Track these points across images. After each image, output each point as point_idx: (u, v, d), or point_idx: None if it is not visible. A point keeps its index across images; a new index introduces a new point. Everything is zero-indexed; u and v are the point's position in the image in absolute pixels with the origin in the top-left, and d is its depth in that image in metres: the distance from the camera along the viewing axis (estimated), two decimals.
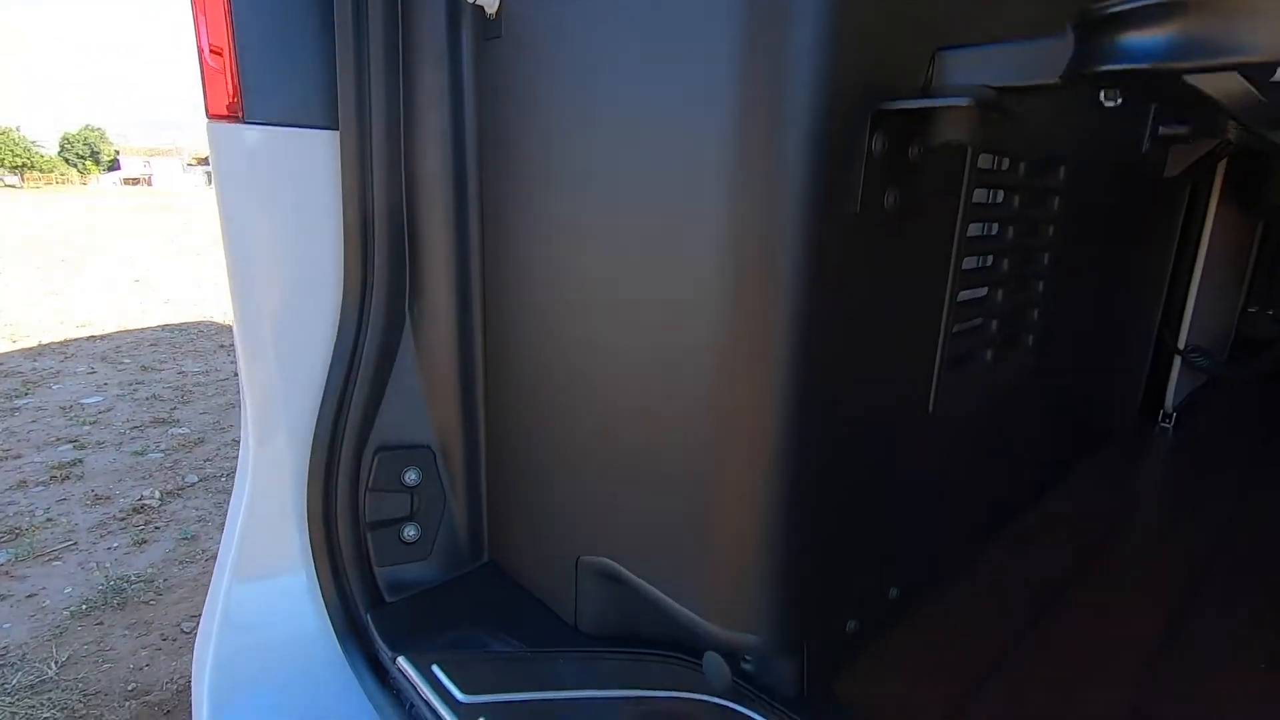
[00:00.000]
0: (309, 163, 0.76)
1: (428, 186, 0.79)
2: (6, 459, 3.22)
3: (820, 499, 0.61)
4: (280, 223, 0.76)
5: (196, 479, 3.04)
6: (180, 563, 2.40)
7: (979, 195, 0.72)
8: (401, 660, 0.72)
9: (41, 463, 3.18)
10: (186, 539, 2.55)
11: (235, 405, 3.99)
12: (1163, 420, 1.51)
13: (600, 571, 0.73)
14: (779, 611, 0.61)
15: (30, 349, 5.20)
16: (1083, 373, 1.15)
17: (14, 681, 1.83)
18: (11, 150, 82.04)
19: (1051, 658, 0.75)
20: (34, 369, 4.67)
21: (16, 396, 4.08)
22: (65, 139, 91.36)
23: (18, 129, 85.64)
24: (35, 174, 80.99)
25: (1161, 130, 1.10)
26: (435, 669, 0.70)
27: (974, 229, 0.74)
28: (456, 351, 0.83)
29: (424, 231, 0.81)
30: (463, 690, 0.67)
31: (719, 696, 0.67)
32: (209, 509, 2.77)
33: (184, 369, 4.78)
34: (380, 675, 0.76)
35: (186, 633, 2.04)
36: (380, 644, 0.76)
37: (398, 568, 0.84)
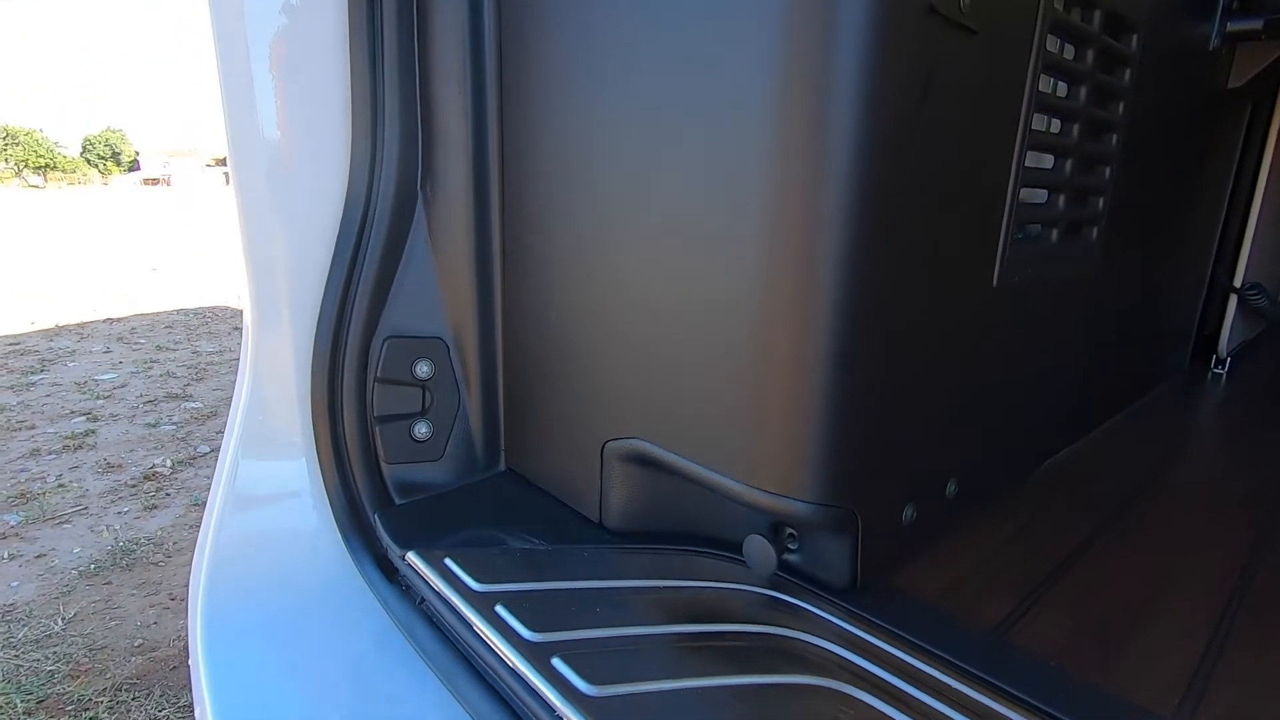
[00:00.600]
0: (313, 20, 0.70)
1: (443, 50, 0.73)
2: (21, 429, 3.21)
3: (874, 362, 0.54)
4: (282, 83, 0.70)
5: (208, 449, 3.01)
6: (190, 527, 2.36)
7: (1051, 45, 0.65)
8: (411, 555, 0.66)
9: (55, 433, 3.17)
10: (197, 505, 2.51)
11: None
12: (1216, 366, 1.43)
13: (629, 455, 0.66)
14: (829, 476, 0.54)
15: (47, 329, 5.22)
16: (1136, 299, 1.07)
17: (20, 635, 1.79)
18: (35, 151, 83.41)
19: (1124, 564, 0.68)
20: (50, 348, 4.68)
21: (32, 373, 4.09)
22: (87, 140, 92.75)
23: (41, 131, 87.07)
24: (58, 174, 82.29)
25: (1230, 26, 1.02)
26: (448, 561, 0.64)
27: (1043, 85, 0.66)
28: (473, 235, 0.77)
29: (438, 105, 0.75)
30: (478, 580, 0.61)
31: (762, 586, 0.60)
32: None
33: (198, 349, 4.77)
34: (388, 572, 0.70)
35: None
36: (388, 542, 0.70)
37: (408, 467, 0.78)
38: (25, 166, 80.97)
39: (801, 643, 0.53)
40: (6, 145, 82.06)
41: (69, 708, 1.55)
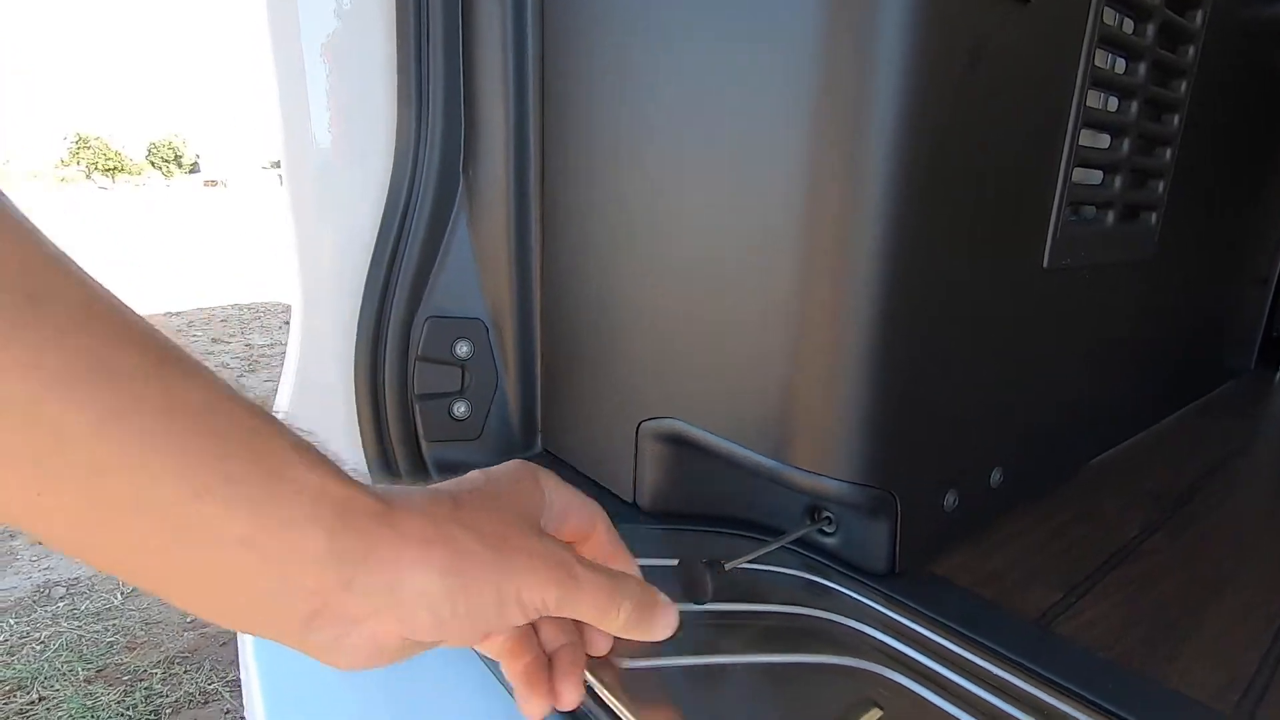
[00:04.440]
0: (362, 4, 0.72)
1: (487, 34, 0.74)
2: None
3: (917, 340, 0.53)
4: (331, 69, 0.72)
5: None
6: None
7: (1108, 18, 0.63)
8: None
9: None
10: None
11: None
12: None
13: (664, 436, 0.66)
14: (868, 456, 0.53)
15: None
16: (1198, 292, 1.02)
17: (83, 607, 1.89)
18: (104, 155, 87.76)
19: (1177, 562, 0.65)
20: None
21: None
22: (151, 145, 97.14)
23: (110, 136, 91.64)
24: (124, 176, 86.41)
25: None
26: None
27: (1099, 60, 0.64)
28: (512, 219, 0.78)
29: (481, 89, 0.76)
30: None
31: (798, 569, 0.59)
32: None
33: (250, 342, 4.95)
34: None
35: None
36: None
37: (447, 446, 0.79)
38: (95, 169, 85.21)
39: (837, 624, 0.52)
40: (79, 149, 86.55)
41: (125, 677, 1.63)
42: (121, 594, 1.94)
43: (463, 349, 0.79)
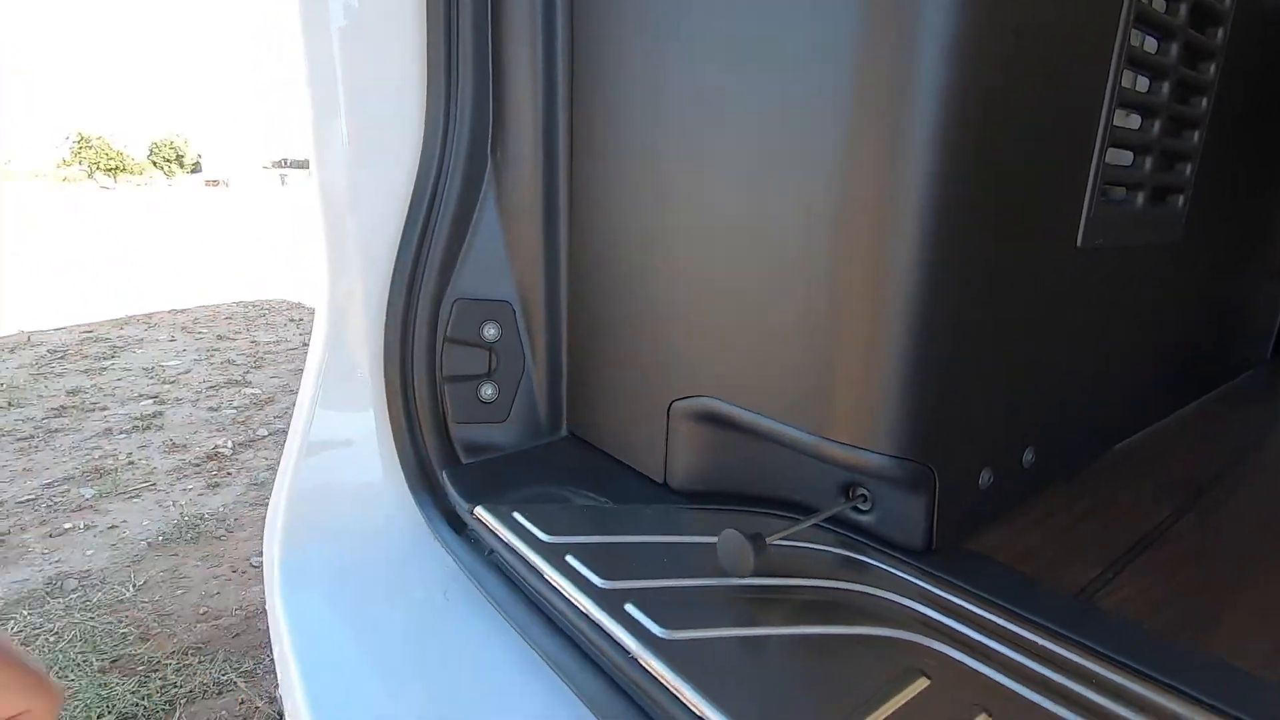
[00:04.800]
0: None
1: (515, 15, 0.74)
2: (95, 410, 3.38)
3: (953, 314, 0.53)
4: (360, 48, 0.72)
5: (266, 433, 3.12)
6: (250, 505, 2.45)
7: None
8: (479, 509, 0.67)
9: (125, 414, 3.33)
10: (256, 485, 2.61)
11: (303, 371, 4.10)
12: None
13: (696, 414, 0.66)
14: (906, 429, 0.53)
15: (118, 319, 5.49)
16: (1221, 278, 1.02)
17: (95, 599, 1.89)
18: (106, 154, 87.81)
19: (1211, 541, 0.65)
20: (120, 335, 4.92)
21: (104, 359, 4.30)
22: (153, 144, 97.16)
23: (112, 136, 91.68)
24: (126, 176, 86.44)
25: None
26: (516, 515, 0.65)
27: (1134, 40, 0.64)
28: (541, 201, 0.78)
29: (510, 71, 0.76)
30: (547, 533, 0.61)
31: (834, 546, 0.59)
32: (278, 459, 2.83)
33: (256, 339, 4.95)
34: (456, 526, 0.71)
35: (255, 566, 2.07)
36: (456, 498, 0.72)
37: (474, 427, 0.79)
38: (97, 169, 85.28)
39: (877, 598, 0.52)
40: (81, 149, 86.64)
41: (140, 668, 1.63)
42: (133, 586, 1.94)
43: (490, 332, 0.79)
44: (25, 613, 1.82)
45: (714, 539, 0.61)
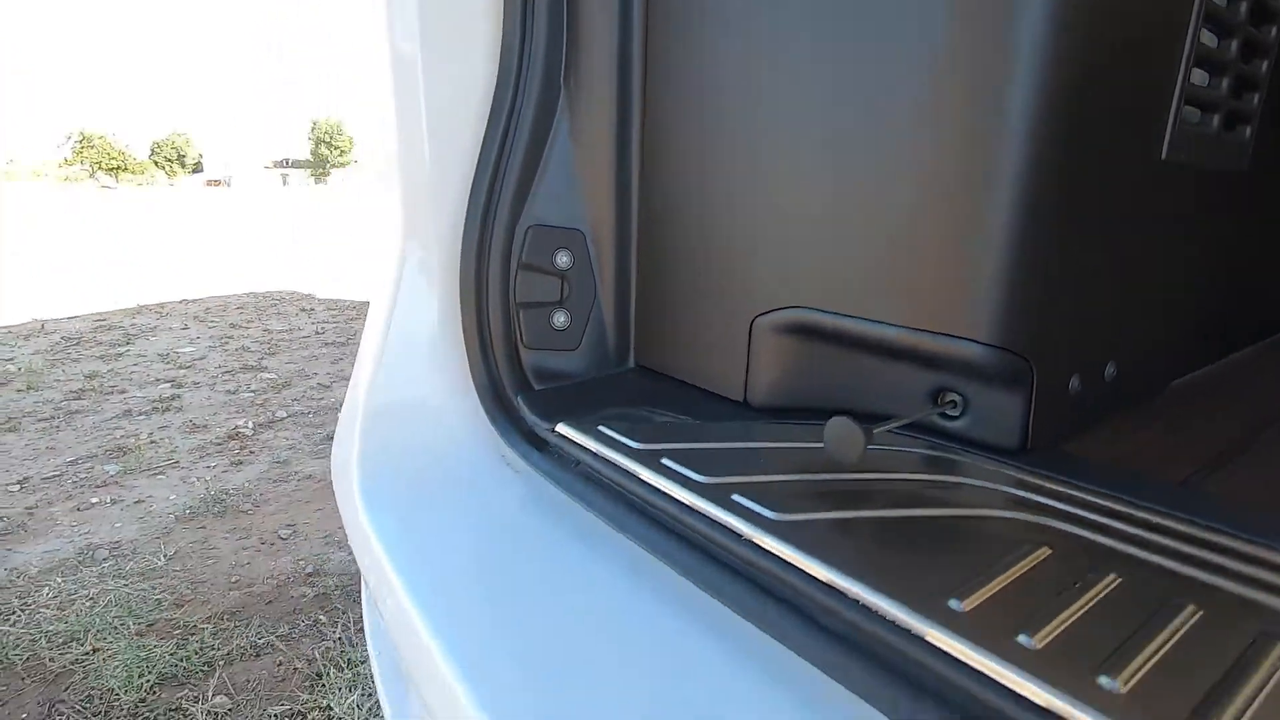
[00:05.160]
0: None
1: None
2: (113, 393, 3.38)
3: (1051, 207, 0.54)
4: None
5: (286, 414, 3.13)
6: (274, 481, 2.46)
7: None
8: (562, 425, 0.68)
9: (143, 397, 3.33)
10: (279, 462, 2.61)
11: (317, 358, 4.11)
12: None
13: (781, 326, 0.66)
14: (1007, 318, 0.53)
15: (129, 308, 5.50)
16: (1274, 225, 1.02)
17: (128, 568, 1.89)
18: (108, 154, 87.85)
19: None
20: (134, 324, 4.92)
21: (119, 345, 4.31)
22: (155, 144, 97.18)
23: (114, 135, 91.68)
24: (128, 175, 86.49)
25: None
26: (602, 428, 0.65)
27: None
28: (614, 128, 0.79)
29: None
30: (636, 441, 0.62)
31: (929, 450, 0.60)
32: (299, 439, 2.84)
33: (269, 327, 4.96)
34: (536, 445, 0.71)
35: (283, 539, 2.08)
36: (533, 418, 0.72)
37: (546, 355, 0.80)
38: (98, 168, 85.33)
39: (984, 488, 0.53)
40: (82, 148, 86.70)
41: (176, 631, 1.63)
42: (164, 556, 1.95)
43: (563, 259, 0.79)
44: (59, 580, 1.82)
45: (809, 444, 0.62)
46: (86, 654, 1.54)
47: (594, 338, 0.82)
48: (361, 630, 1.66)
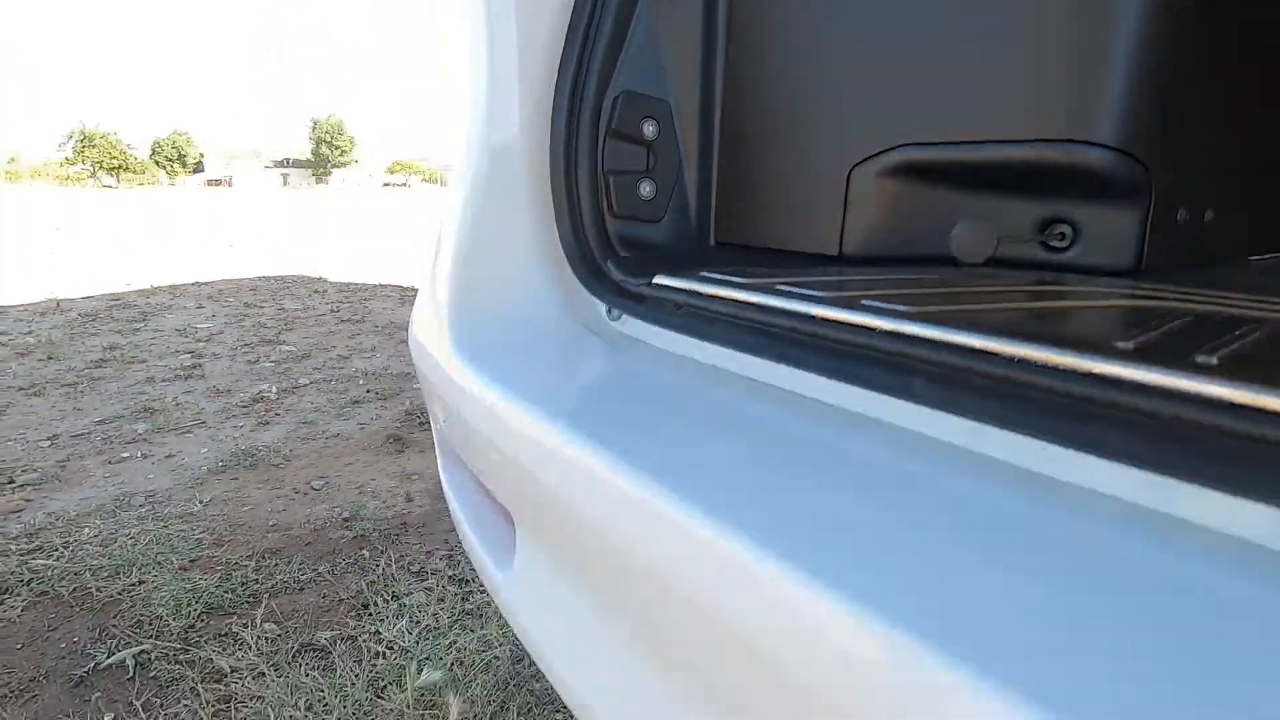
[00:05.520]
0: None
1: None
2: (134, 362, 3.39)
3: (1181, 24, 0.54)
4: None
5: (309, 381, 3.13)
6: (303, 439, 2.46)
7: None
8: (659, 277, 0.68)
9: (165, 366, 3.34)
10: (306, 423, 2.62)
11: (335, 333, 4.11)
12: None
13: (884, 170, 0.67)
14: (1128, 121, 0.54)
15: (143, 289, 5.50)
16: None
17: (165, 512, 1.90)
18: (109, 153, 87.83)
19: None
20: (148, 303, 4.93)
21: (135, 322, 4.31)
22: (156, 143, 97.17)
23: (115, 134, 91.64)
24: (129, 175, 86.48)
25: None
26: (703, 274, 0.66)
27: None
28: None
29: None
30: (743, 278, 0.62)
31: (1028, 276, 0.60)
32: (323, 403, 2.85)
33: (284, 306, 4.96)
34: (631, 303, 0.72)
35: (316, 489, 2.08)
36: (624, 277, 0.73)
37: (631, 224, 0.80)
38: (99, 168, 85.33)
39: (1105, 290, 0.53)
40: (84, 148, 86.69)
41: (219, 567, 1.64)
42: (200, 502, 1.95)
43: (649, 129, 0.80)
44: (98, 522, 1.83)
45: (922, 274, 0.62)
46: (132, 585, 1.55)
47: (677, 210, 0.83)
48: (405, 567, 1.66)
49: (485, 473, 0.72)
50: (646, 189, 0.80)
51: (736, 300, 0.60)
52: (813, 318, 0.53)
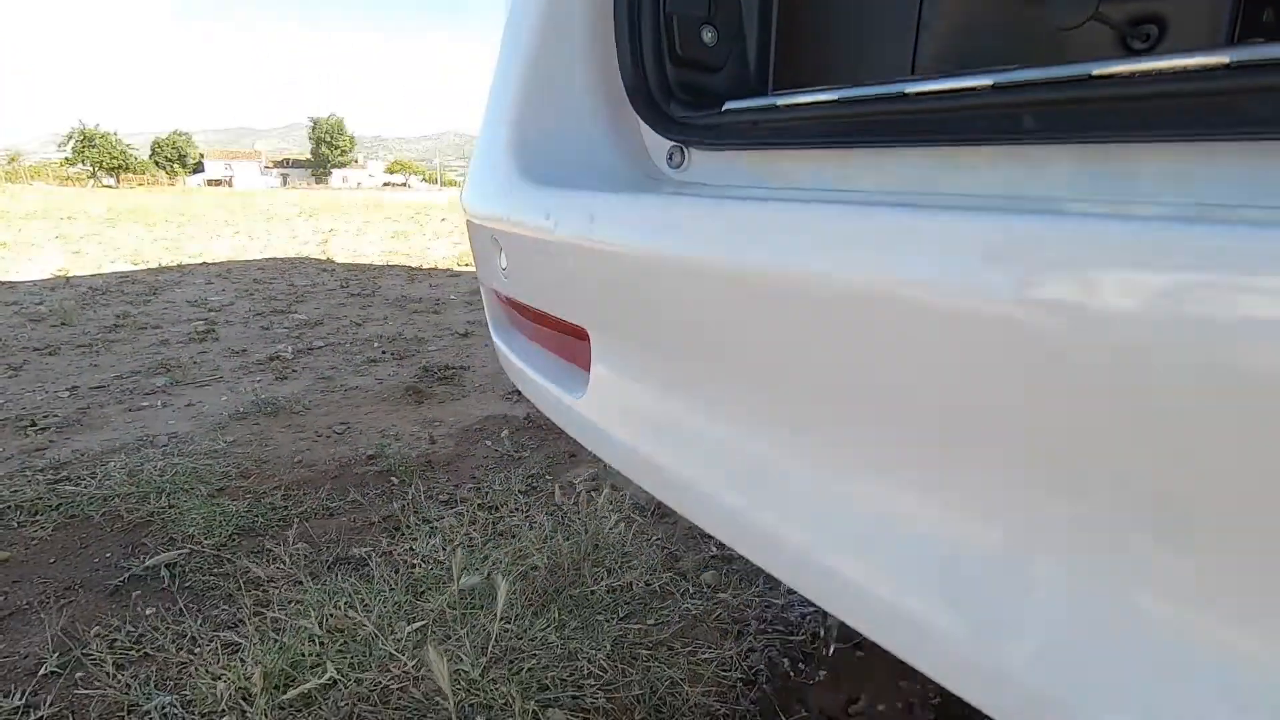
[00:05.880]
0: None
1: None
2: (147, 328, 3.38)
3: None
4: None
5: (323, 344, 3.13)
6: (322, 392, 2.46)
7: None
8: (730, 103, 0.67)
9: (178, 330, 3.33)
10: (324, 379, 2.61)
11: (345, 304, 4.10)
12: None
13: None
14: None
15: (151, 268, 5.50)
16: None
17: (190, 449, 1.89)
18: (109, 153, 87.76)
19: None
20: (157, 280, 4.92)
21: (146, 295, 4.31)
22: (156, 143, 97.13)
23: (115, 134, 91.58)
24: (129, 175, 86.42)
25: None
26: (778, 93, 0.65)
27: None
28: None
29: None
30: (821, 92, 0.61)
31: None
32: (339, 362, 2.84)
33: (293, 282, 4.96)
34: (696, 140, 0.71)
35: (339, 433, 2.07)
36: (688, 114, 0.72)
37: (692, 71, 0.79)
38: (99, 168, 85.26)
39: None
40: (84, 148, 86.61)
41: (247, 495, 1.63)
42: (224, 442, 1.94)
43: None
44: (123, 458, 1.82)
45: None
46: (162, 509, 1.54)
47: (737, 62, 0.82)
48: (434, 496, 1.66)
49: (559, 300, 0.72)
50: (708, 35, 0.80)
51: (818, 102, 0.59)
52: (905, 95, 0.53)
